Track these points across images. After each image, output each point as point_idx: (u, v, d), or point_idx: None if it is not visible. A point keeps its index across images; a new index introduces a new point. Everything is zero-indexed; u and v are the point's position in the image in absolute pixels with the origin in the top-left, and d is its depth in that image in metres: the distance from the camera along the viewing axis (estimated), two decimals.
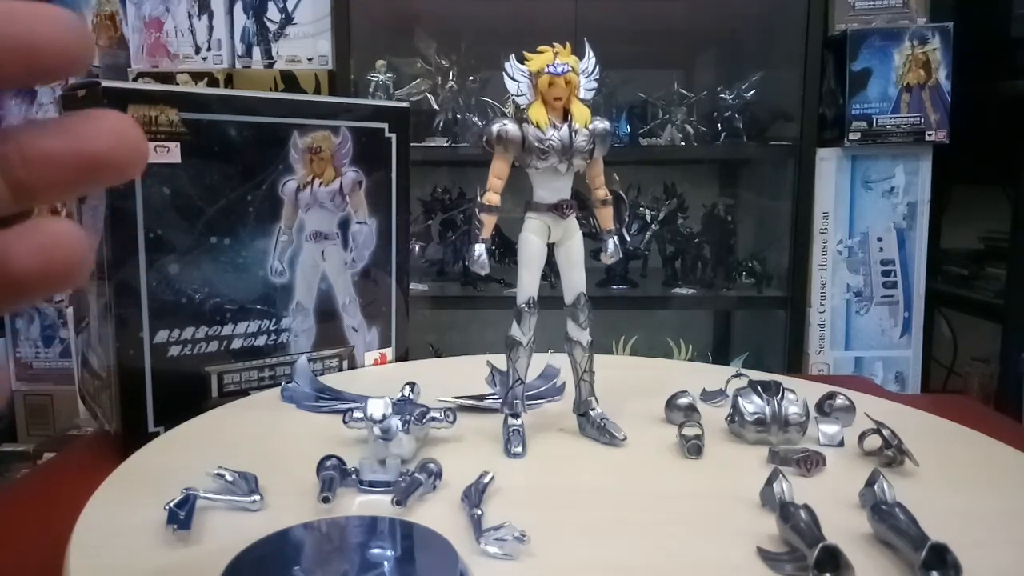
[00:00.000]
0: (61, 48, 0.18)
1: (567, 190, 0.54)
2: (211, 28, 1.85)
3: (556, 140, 0.51)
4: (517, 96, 0.52)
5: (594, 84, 0.53)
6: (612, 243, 0.56)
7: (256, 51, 1.85)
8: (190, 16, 1.85)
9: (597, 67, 0.53)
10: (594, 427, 0.56)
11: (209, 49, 1.85)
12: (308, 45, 1.84)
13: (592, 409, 0.57)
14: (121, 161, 0.19)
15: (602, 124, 0.52)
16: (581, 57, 0.52)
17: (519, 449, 0.53)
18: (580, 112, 0.51)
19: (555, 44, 0.51)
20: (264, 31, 1.85)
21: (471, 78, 1.82)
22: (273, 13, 1.84)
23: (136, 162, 0.20)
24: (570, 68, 0.51)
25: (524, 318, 0.55)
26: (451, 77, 1.81)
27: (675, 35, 1.87)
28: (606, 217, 0.56)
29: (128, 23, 1.89)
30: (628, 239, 1.68)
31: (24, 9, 0.18)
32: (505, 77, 0.52)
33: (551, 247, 0.55)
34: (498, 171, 0.52)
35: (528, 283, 0.54)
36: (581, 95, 0.52)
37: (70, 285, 0.19)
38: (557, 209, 0.53)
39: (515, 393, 0.55)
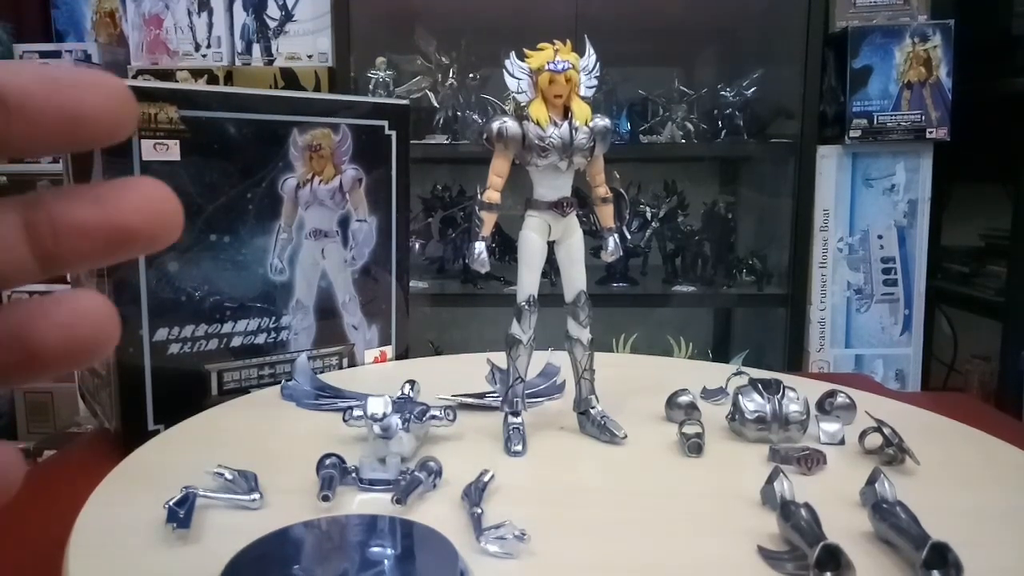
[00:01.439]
0: (106, 116, 0.18)
1: (567, 188, 0.53)
2: (211, 25, 1.85)
3: (556, 138, 0.51)
4: (517, 93, 0.52)
5: (594, 81, 0.52)
6: (612, 241, 0.56)
7: (256, 48, 1.85)
8: (190, 13, 1.84)
9: (598, 64, 0.52)
10: (594, 425, 0.56)
11: (209, 46, 1.85)
12: (308, 42, 1.84)
13: (592, 407, 0.57)
14: (154, 233, 0.19)
15: (602, 121, 0.52)
16: (582, 54, 0.52)
17: (519, 447, 0.53)
18: (580, 109, 0.51)
19: (555, 41, 0.51)
20: (264, 28, 1.85)
21: (471, 75, 1.82)
22: (273, 10, 1.84)
23: (170, 234, 0.19)
24: (570, 65, 0.50)
25: (524, 316, 0.54)
26: (451, 74, 1.81)
27: (676, 32, 1.86)
28: (606, 215, 0.56)
29: (128, 20, 1.89)
30: (628, 237, 1.68)
31: (70, 77, 0.17)
32: (505, 74, 0.52)
33: (551, 245, 0.54)
34: (498, 169, 0.52)
35: (528, 281, 0.54)
36: (581, 92, 0.52)
37: (94, 362, 0.19)
38: (557, 207, 0.53)
39: (515, 391, 0.55)
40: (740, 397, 0.57)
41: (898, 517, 0.40)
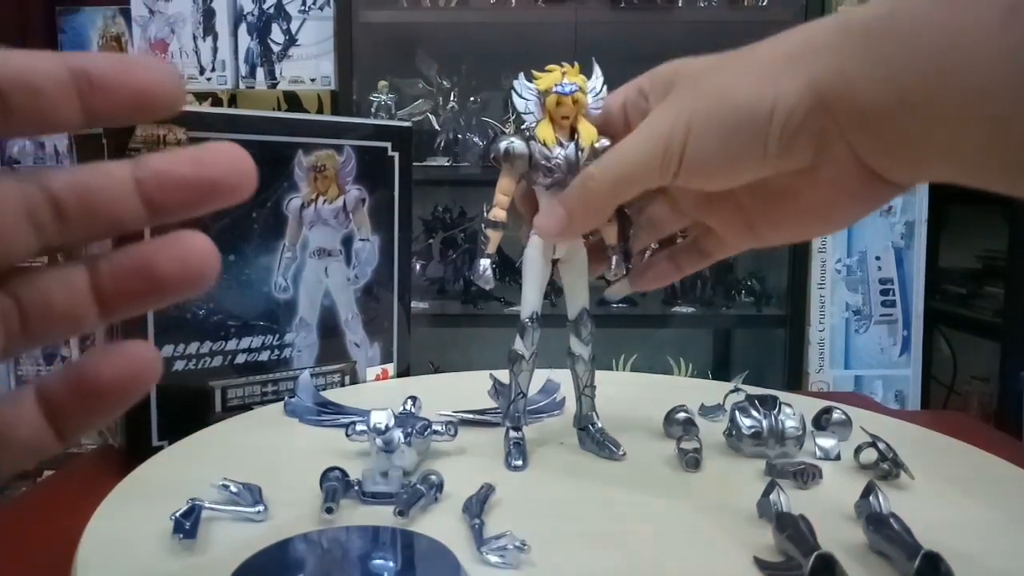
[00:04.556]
0: (163, 92, 0.22)
1: None
2: (215, 50, 1.88)
3: (562, 158, 0.51)
4: (525, 113, 0.53)
5: (601, 103, 0.53)
6: (615, 259, 0.55)
7: (260, 72, 1.88)
8: (195, 38, 1.87)
9: (604, 87, 0.53)
10: (593, 442, 0.57)
11: (213, 70, 1.88)
12: (311, 66, 1.87)
13: (592, 424, 0.57)
14: (234, 184, 0.23)
15: (608, 142, 0.52)
16: (589, 76, 0.53)
17: (519, 462, 0.54)
18: (586, 131, 0.52)
19: (564, 64, 0.52)
20: (268, 52, 1.88)
21: (472, 99, 1.84)
22: (277, 35, 1.87)
23: (247, 186, 0.24)
24: (578, 88, 0.51)
25: (527, 333, 0.55)
26: (452, 98, 1.84)
27: (673, 57, 1.89)
28: (610, 233, 0.55)
29: (134, 44, 1.92)
30: (632, 256, 1.69)
31: (137, 62, 0.22)
32: (513, 94, 0.52)
33: (555, 264, 0.55)
34: (504, 187, 0.53)
35: (531, 298, 0.55)
36: (589, 113, 0.53)
37: (202, 289, 0.23)
38: None
39: (517, 406, 0.56)
40: (737, 413, 0.57)
41: (891, 528, 0.40)
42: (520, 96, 0.52)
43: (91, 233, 0.23)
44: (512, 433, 0.55)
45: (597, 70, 0.53)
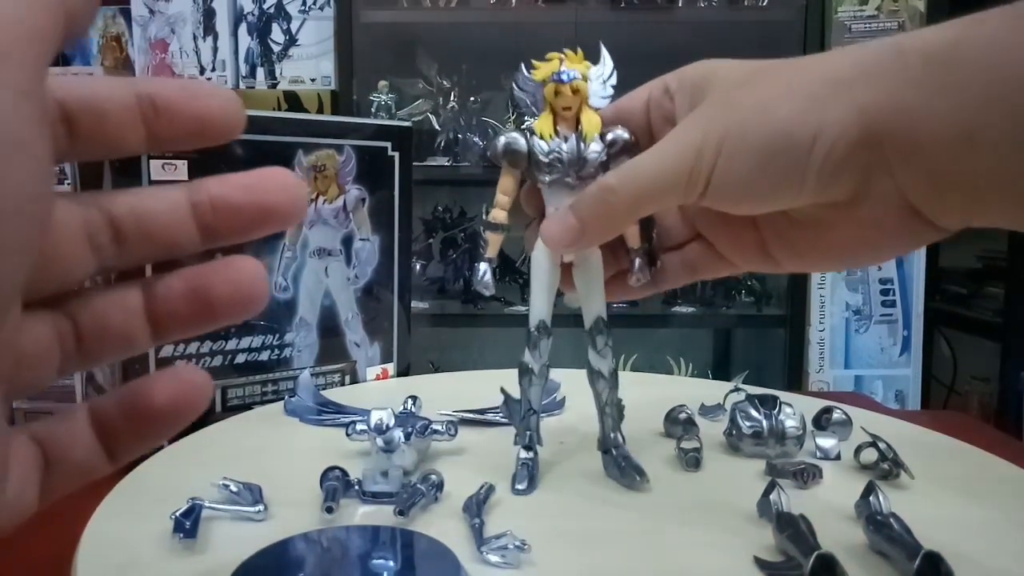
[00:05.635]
0: (224, 118, 0.23)
1: None
2: (215, 49, 1.88)
3: (563, 152, 0.47)
4: (526, 107, 0.49)
5: (611, 91, 0.49)
6: (638, 263, 0.48)
7: (260, 72, 1.88)
8: (195, 38, 1.87)
9: (614, 73, 0.49)
10: (616, 466, 0.52)
11: (214, 70, 1.88)
12: (311, 66, 1.87)
13: (617, 447, 0.52)
14: (286, 210, 0.24)
15: (624, 134, 0.46)
16: (595, 63, 0.49)
17: (523, 485, 0.49)
18: (590, 121, 0.47)
19: (565, 50, 0.48)
20: (268, 52, 1.88)
21: (472, 99, 1.84)
22: (277, 35, 1.87)
23: (298, 211, 0.24)
24: (578, 75, 0.47)
25: (535, 343, 0.51)
26: (452, 98, 1.84)
27: (674, 57, 1.89)
28: (632, 234, 0.48)
29: (134, 44, 1.92)
30: (660, 259, 1.69)
31: (200, 88, 0.22)
32: (514, 87, 0.49)
33: (566, 268, 0.50)
34: (504, 187, 0.49)
35: (539, 306, 0.50)
36: (596, 103, 0.48)
37: (253, 313, 0.24)
38: None
39: (528, 424, 0.51)
40: (737, 413, 0.57)
41: (891, 528, 0.40)
42: (521, 89, 0.48)
43: (147, 255, 0.23)
44: (523, 454, 0.51)
45: (605, 54, 0.49)
